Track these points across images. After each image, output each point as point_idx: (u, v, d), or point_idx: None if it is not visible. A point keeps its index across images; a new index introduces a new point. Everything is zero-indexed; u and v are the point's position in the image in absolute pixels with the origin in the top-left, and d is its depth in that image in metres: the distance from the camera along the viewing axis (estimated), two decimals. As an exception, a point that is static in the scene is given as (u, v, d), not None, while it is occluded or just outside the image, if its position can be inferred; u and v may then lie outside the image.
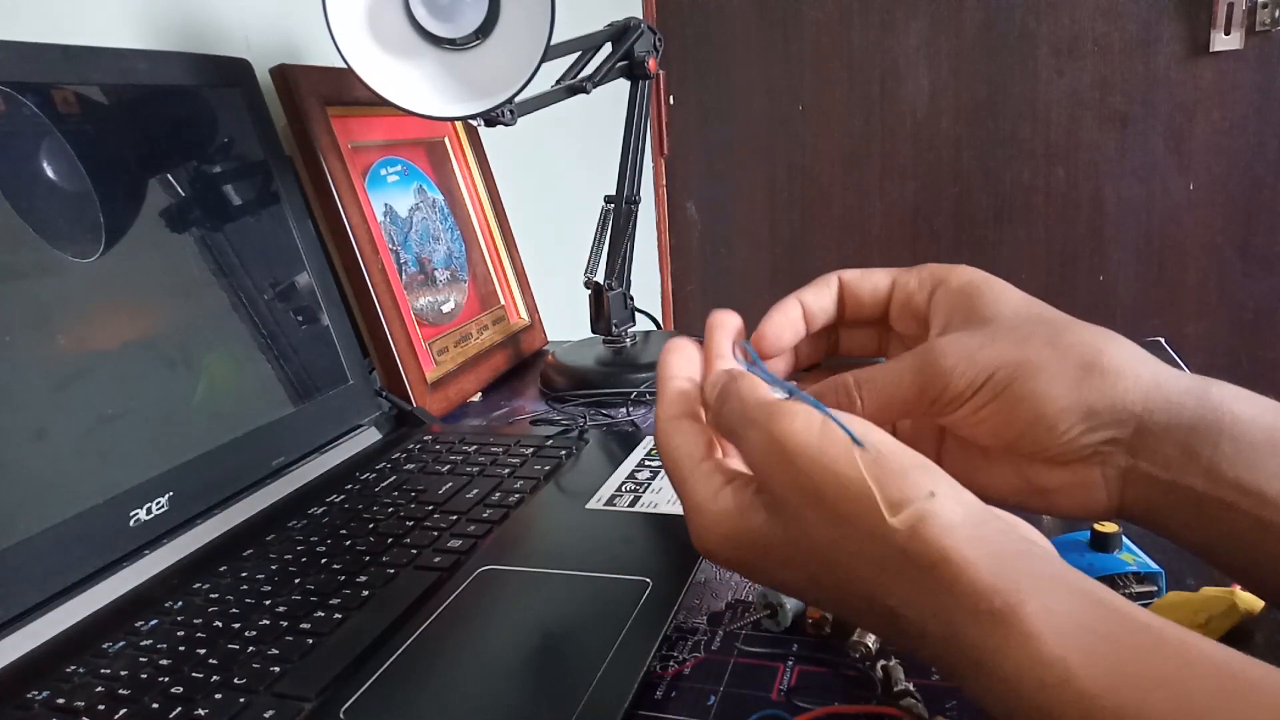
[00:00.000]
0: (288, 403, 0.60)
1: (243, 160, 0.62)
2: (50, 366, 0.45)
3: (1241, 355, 1.67)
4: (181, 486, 0.50)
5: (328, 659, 0.37)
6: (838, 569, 0.27)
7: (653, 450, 0.59)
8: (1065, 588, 0.23)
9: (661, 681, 0.38)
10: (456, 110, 0.63)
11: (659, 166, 1.93)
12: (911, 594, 0.25)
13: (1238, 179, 1.59)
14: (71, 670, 0.38)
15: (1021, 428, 0.31)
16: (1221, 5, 1.50)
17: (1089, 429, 0.30)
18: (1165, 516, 0.31)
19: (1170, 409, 0.30)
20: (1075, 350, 0.30)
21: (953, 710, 0.35)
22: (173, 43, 0.69)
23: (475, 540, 0.48)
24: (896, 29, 1.71)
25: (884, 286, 0.37)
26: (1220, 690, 0.21)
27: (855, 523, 0.25)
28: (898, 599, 0.25)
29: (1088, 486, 0.32)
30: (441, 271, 0.84)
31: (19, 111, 0.47)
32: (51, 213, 0.48)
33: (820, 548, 0.27)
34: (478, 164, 0.93)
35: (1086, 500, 0.32)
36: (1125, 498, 0.31)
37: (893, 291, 0.37)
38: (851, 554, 0.26)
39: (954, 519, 0.24)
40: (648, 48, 0.80)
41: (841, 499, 0.25)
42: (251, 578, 0.45)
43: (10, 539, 0.41)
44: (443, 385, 0.76)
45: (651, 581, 0.41)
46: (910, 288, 0.36)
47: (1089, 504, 0.32)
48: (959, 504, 0.25)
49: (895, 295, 0.37)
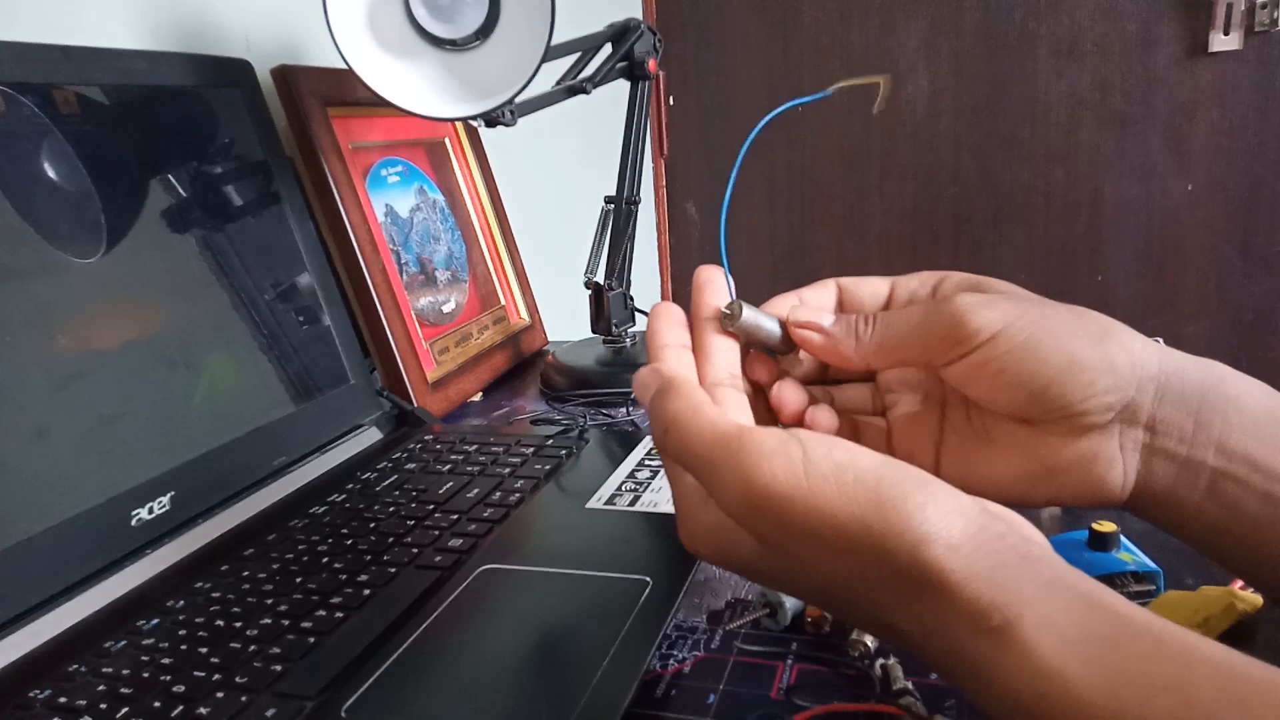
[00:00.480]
0: (289, 402, 0.60)
1: (243, 161, 0.62)
2: (51, 366, 0.46)
3: (1241, 355, 1.67)
4: (182, 486, 0.50)
5: (328, 658, 0.38)
6: (835, 589, 0.26)
7: (653, 450, 0.59)
8: (1064, 592, 0.23)
9: (661, 680, 0.38)
10: (457, 111, 0.63)
11: (659, 166, 1.93)
12: (911, 613, 0.24)
13: (1237, 179, 1.59)
14: (73, 669, 0.38)
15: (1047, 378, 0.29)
16: (1221, 5, 1.50)
17: (1111, 386, 0.29)
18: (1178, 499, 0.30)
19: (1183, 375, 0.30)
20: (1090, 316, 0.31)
21: (952, 709, 0.35)
22: (173, 43, 0.69)
23: (476, 539, 0.48)
24: (896, 29, 1.71)
25: (883, 289, 0.36)
26: (1221, 691, 0.21)
27: (854, 556, 0.24)
28: (897, 616, 0.25)
29: (1102, 463, 0.30)
30: (442, 272, 0.84)
31: (19, 112, 0.47)
32: (52, 213, 0.48)
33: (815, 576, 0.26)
34: (478, 164, 0.93)
35: (1099, 481, 0.31)
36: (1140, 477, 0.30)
37: (893, 292, 0.36)
38: (850, 580, 0.25)
39: (954, 539, 0.23)
40: (648, 48, 0.80)
41: (839, 537, 0.24)
42: (253, 577, 0.45)
43: (11, 539, 0.42)
44: (443, 385, 0.77)
45: (651, 580, 0.41)
46: (912, 286, 0.36)
47: (1102, 485, 0.31)
48: (959, 517, 0.24)
49: (896, 295, 0.36)
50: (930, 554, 0.23)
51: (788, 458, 0.25)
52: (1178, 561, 0.42)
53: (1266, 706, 0.20)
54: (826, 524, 0.24)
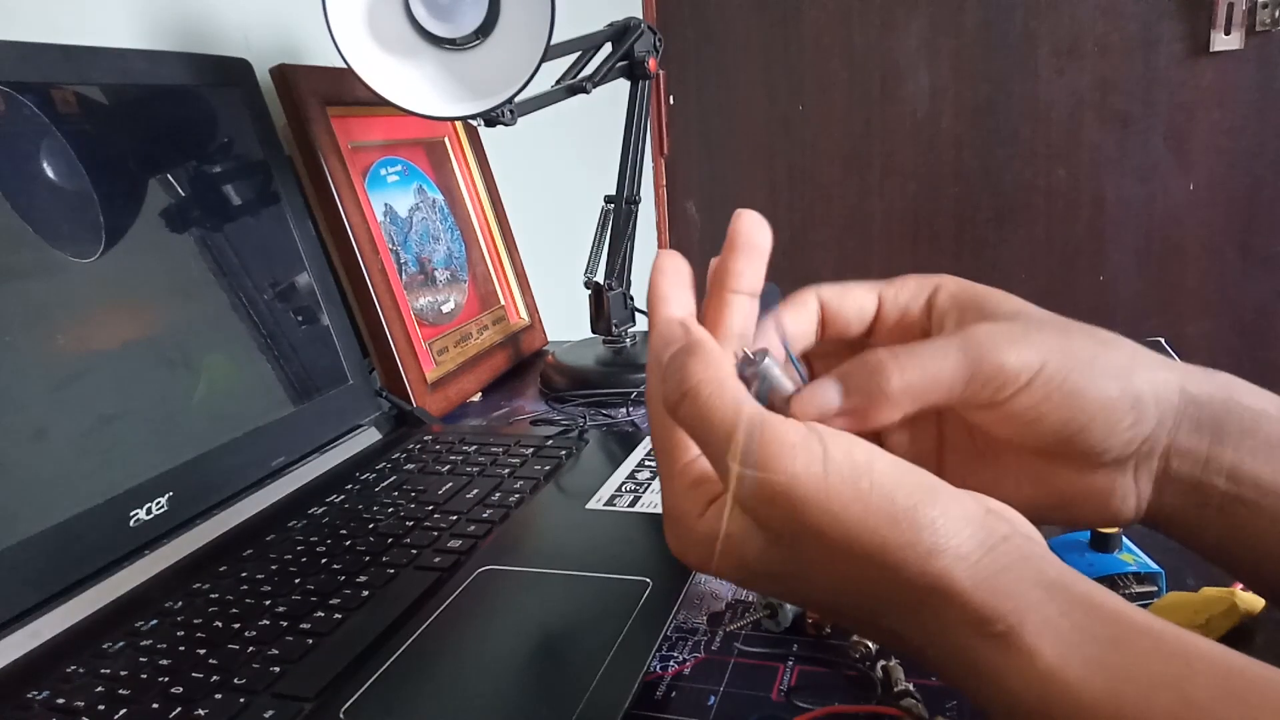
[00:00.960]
0: (288, 403, 0.60)
1: (242, 160, 0.62)
2: (50, 366, 0.45)
3: (1241, 355, 1.67)
4: (181, 486, 0.50)
5: (327, 659, 0.37)
6: (839, 595, 0.26)
7: (653, 450, 0.59)
8: (1064, 594, 0.23)
9: (661, 682, 0.38)
10: (456, 110, 0.63)
11: (659, 166, 1.93)
12: (916, 619, 0.24)
13: (1238, 179, 1.59)
14: (71, 670, 0.38)
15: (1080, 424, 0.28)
16: (1221, 5, 1.50)
17: (1136, 422, 0.28)
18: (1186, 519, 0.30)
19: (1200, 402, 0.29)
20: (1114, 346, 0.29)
21: (953, 710, 0.35)
22: (172, 43, 0.69)
23: (475, 540, 0.48)
24: (896, 29, 1.71)
25: (869, 304, 0.33)
26: (1221, 690, 0.21)
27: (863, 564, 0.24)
28: (900, 622, 0.25)
29: (1117, 494, 0.30)
30: (441, 271, 0.84)
31: (19, 111, 0.47)
32: (51, 213, 0.48)
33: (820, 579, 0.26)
34: (478, 164, 0.93)
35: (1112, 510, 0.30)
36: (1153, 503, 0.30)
37: (881, 307, 0.33)
38: (855, 586, 0.25)
39: (962, 549, 0.23)
40: (648, 48, 0.80)
41: (851, 544, 0.24)
42: (251, 578, 0.45)
43: (10, 539, 0.41)
44: (443, 385, 0.76)
45: (651, 581, 0.41)
46: (902, 300, 0.33)
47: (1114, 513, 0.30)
48: (967, 525, 0.24)
49: (884, 310, 0.33)
50: (940, 565, 0.23)
51: (810, 454, 0.24)
52: (1179, 562, 0.42)
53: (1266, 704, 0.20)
54: (840, 530, 0.24)
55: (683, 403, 0.26)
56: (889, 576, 0.24)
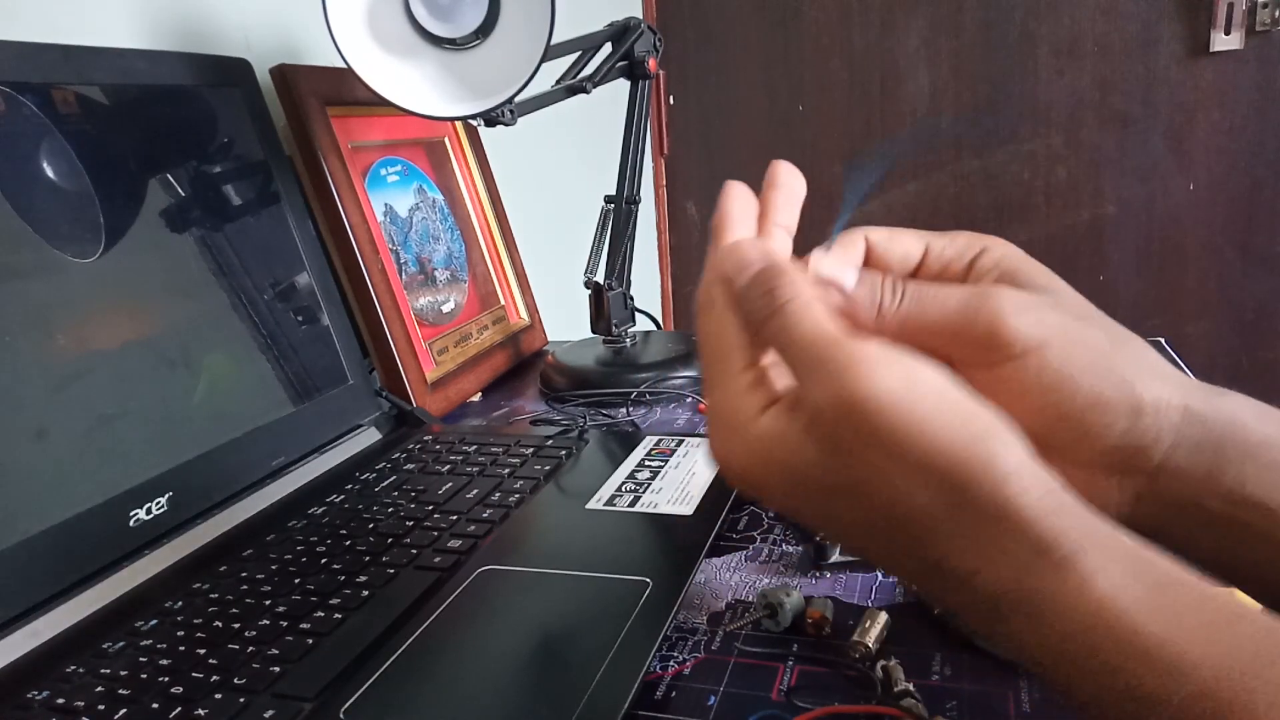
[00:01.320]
0: (288, 403, 0.60)
1: (243, 160, 0.62)
2: (50, 366, 0.45)
3: (1241, 355, 1.67)
4: (181, 486, 0.50)
5: (327, 659, 0.37)
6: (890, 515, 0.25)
7: (653, 450, 0.59)
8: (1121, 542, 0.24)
9: (661, 682, 0.38)
10: (456, 110, 0.63)
11: (659, 166, 1.93)
12: (974, 544, 0.24)
13: (1238, 179, 1.59)
14: (71, 670, 0.38)
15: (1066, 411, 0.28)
16: (1221, 5, 1.50)
17: (1127, 431, 0.28)
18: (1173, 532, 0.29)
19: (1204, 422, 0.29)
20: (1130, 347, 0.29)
21: (953, 710, 0.35)
22: (172, 43, 0.69)
23: (475, 540, 0.48)
24: (896, 29, 1.71)
25: (916, 252, 0.33)
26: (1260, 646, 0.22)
27: (936, 477, 0.24)
28: (950, 545, 0.25)
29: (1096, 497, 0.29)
30: (441, 271, 0.84)
31: (19, 111, 0.47)
32: (51, 213, 0.48)
33: (877, 496, 0.25)
34: (478, 164, 0.93)
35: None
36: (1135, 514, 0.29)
37: (926, 256, 0.33)
38: (917, 503, 0.25)
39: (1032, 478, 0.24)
40: (648, 48, 0.80)
41: (928, 455, 0.24)
42: (251, 578, 0.45)
43: (10, 539, 0.41)
44: (443, 385, 0.76)
45: (651, 581, 0.41)
46: (947, 254, 0.33)
47: None
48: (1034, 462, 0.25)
49: (929, 262, 0.33)
50: (1012, 489, 0.24)
51: (897, 368, 0.25)
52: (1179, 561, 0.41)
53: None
54: (919, 440, 0.24)
55: (772, 318, 0.27)
56: (957, 496, 0.24)
